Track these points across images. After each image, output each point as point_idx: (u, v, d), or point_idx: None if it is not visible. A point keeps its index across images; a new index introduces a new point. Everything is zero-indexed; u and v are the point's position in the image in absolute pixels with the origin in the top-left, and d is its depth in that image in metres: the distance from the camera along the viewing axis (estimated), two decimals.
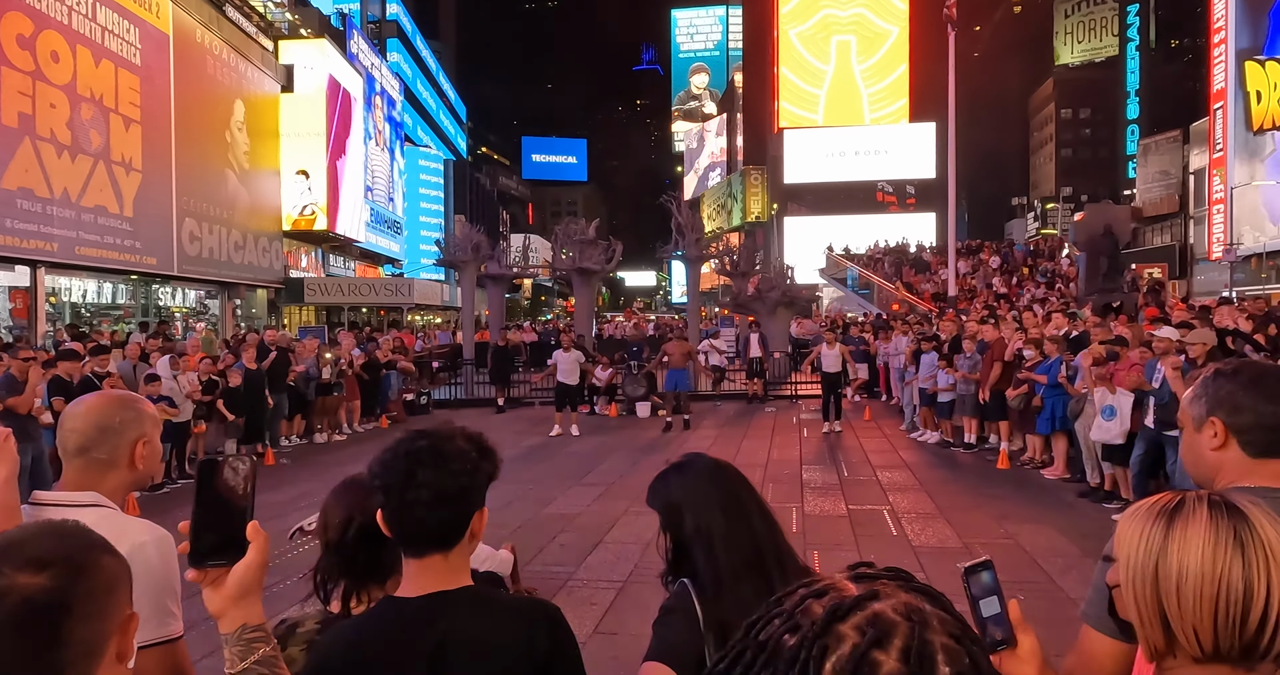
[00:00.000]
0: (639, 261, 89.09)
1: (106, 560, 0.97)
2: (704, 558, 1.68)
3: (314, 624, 1.58)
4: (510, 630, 1.32)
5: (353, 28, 36.88)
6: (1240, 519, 1.02)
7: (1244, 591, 0.98)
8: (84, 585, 0.92)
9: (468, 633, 1.30)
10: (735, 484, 1.76)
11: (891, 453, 10.94)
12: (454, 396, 17.71)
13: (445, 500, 1.32)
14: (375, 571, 1.57)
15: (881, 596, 0.64)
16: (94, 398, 1.73)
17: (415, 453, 1.33)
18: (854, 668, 0.59)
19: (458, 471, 1.34)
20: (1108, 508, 7.59)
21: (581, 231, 19.02)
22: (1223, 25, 31.98)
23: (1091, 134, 70.51)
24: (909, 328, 14.97)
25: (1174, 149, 42.35)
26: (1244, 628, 0.99)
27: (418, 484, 1.31)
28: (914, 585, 0.68)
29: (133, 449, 1.66)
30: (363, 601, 1.56)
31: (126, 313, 21.66)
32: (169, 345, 11.53)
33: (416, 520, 1.32)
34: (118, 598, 0.97)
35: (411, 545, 1.35)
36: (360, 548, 1.54)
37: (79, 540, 0.96)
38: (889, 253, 33.68)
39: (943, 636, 0.62)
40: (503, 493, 8.54)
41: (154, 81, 21.15)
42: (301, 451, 11.91)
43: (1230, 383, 1.48)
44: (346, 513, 1.58)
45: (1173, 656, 1.06)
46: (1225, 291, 25.81)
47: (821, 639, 0.62)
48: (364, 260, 39.90)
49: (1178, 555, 1.02)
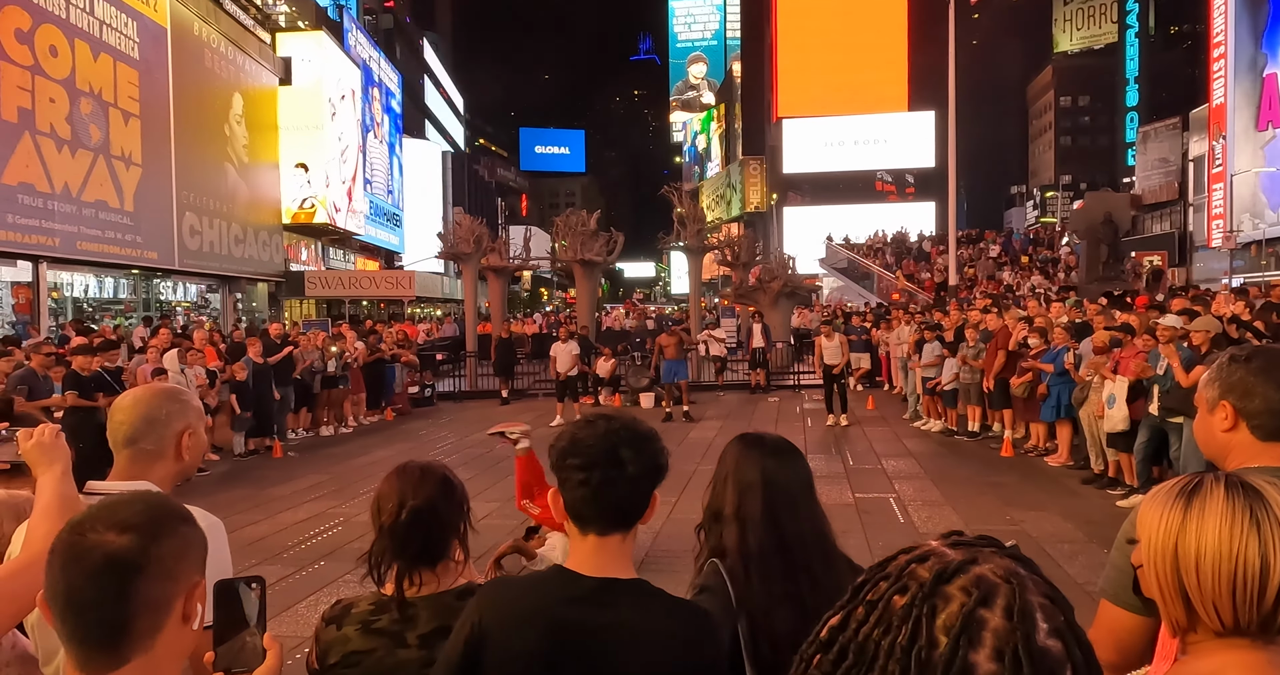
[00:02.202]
0: (638, 252, 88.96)
1: (183, 529, 1.10)
2: (738, 536, 1.73)
3: (368, 605, 1.62)
4: (682, 630, 1.36)
5: (349, 20, 36.71)
6: (1256, 498, 1.06)
7: (1260, 567, 1.02)
8: (157, 549, 1.04)
9: (640, 624, 1.35)
10: (793, 469, 1.79)
11: (895, 441, 10.99)
12: (458, 388, 17.76)
13: (645, 478, 1.39)
14: (427, 555, 1.62)
15: (981, 561, 0.70)
16: (141, 390, 1.78)
17: (615, 432, 1.39)
18: (964, 624, 0.65)
19: (656, 451, 1.42)
20: (1112, 494, 7.64)
21: (582, 223, 19.03)
22: (1223, 11, 31.87)
23: (1090, 121, 70.37)
24: (911, 317, 15.01)
25: (1173, 136, 42.28)
26: (1261, 602, 1.02)
27: (621, 462, 1.37)
28: (1008, 551, 0.73)
29: (179, 440, 1.71)
30: (415, 584, 1.61)
31: (128, 307, 21.68)
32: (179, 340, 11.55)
33: (617, 497, 1.38)
34: (188, 563, 1.09)
35: (597, 523, 1.40)
36: (412, 531, 1.59)
37: (162, 510, 1.10)
38: (889, 242, 33.69)
39: (1039, 597, 0.68)
40: (513, 484, 8.59)
41: (152, 75, 21.10)
42: (309, 444, 11.96)
43: (1243, 368, 1.53)
44: (399, 497, 1.63)
45: (1194, 631, 1.10)
46: (1225, 279, 25.84)
47: (931, 599, 0.67)
48: (363, 253, 39.87)
49: (1195, 534, 1.06)
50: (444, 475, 1.72)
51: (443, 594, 1.63)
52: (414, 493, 1.64)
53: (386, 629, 1.59)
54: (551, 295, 76.02)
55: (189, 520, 1.12)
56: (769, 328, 17.67)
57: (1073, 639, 0.67)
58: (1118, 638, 1.38)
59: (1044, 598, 0.68)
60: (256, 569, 6.01)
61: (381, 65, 41.61)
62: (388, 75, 43.12)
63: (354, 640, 1.59)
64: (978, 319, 11.32)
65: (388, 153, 42.04)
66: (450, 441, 11.85)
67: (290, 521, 7.42)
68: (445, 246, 19.04)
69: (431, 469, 1.72)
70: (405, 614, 1.60)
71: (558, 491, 1.43)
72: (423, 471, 1.70)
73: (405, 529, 1.59)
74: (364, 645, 1.58)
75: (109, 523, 1.04)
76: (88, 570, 1.01)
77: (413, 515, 1.59)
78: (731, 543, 1.74)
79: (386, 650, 1.57)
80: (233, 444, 11.02)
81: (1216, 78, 32.16)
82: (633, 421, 1.44)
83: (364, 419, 13.96)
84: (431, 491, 1.65)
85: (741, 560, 1.71)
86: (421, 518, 1.60)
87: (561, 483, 1.42)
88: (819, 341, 13.17)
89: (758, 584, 1.67)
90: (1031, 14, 76.10)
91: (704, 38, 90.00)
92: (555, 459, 1.42)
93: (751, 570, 1.69)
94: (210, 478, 9.66)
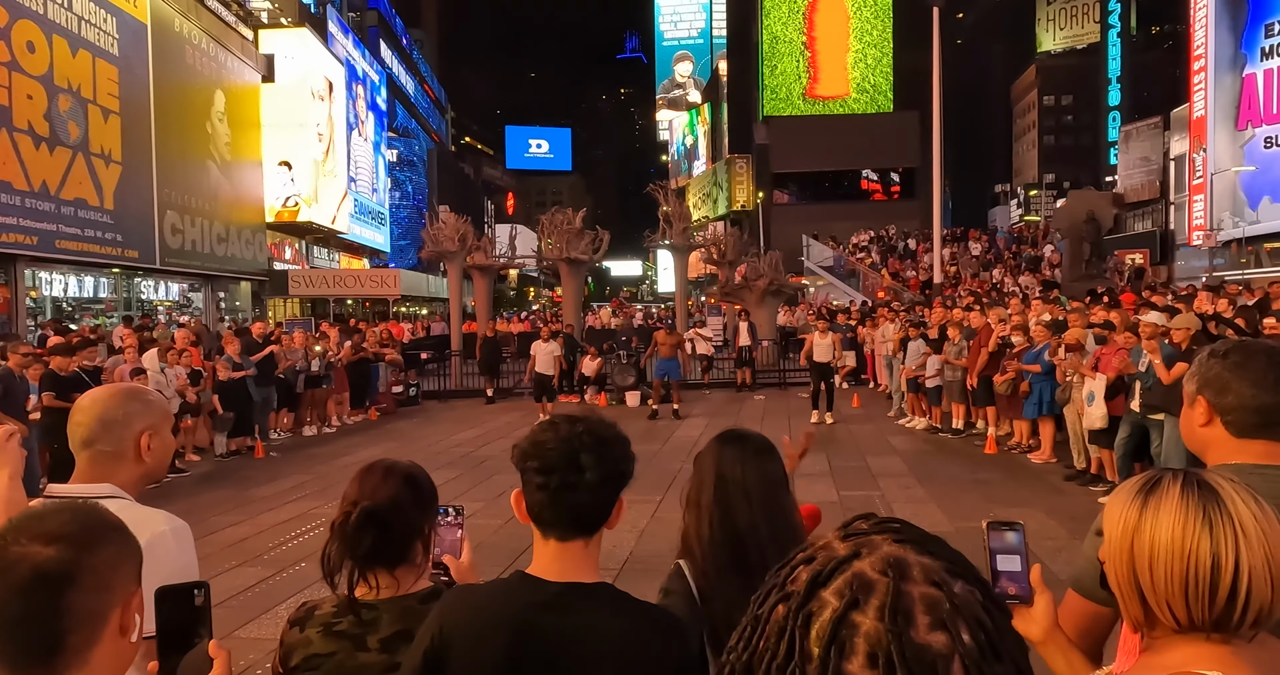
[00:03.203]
0: (624, 251, 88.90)
1: (115, 538, 1.05)
2: (695, 529, 1.72)
3: (331, 608, 1.59)
4: (645, 634, 1.33)
5: (333, 16, 36.46)
6: (1211, 496, 1.05)
7: (1211, 567, 1.02)
8: (90, 560, 0.99)
9: (603, 629, 1.32)
10: (755, 464, 1.78)
11: (880, 439, 11.02)
12: (443, 387, 17.68)
13: (605, 485, 1.36)
14: (381, 557, 1.58)
15: (865, 553, 0.63)
16: (101, 390, 1.73)
17: (576, 436, 1.36)
18: (834, 632, 0.59)
19: (618, 457, 1.39)
20: (1094, 491, 7.69)
21: (568, 221, 18.98)
22: (1204, 19, 32.19)
23: (1073, 120, 70.87)
24: (895, 315, 15.06)
25: (1155, 135, 42.66)
26: (1213, 602, 1.02)
27: (580, 467, 1.34)
28: (905, 534, 0.65)
29: (138, 441, 1.66)
30: (372, 587, 1.58)
31: (109, 306, 21.43)
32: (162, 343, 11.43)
33: (574, 504, 1.35)
34: (124, 574, 1.04)
35: (557, 529, 1.38)
36: (362, 533, 1.55)
37: (90, 519, 1.04)
38: (874, 240, 33.82)
39: (922, 586, 0.60)
40: (499, 483, 8.56)
41: (132, 72, 20.86)
42: (291, 444, 11.87)
43: (1219, 363, 1.53)
44: (356, 497, 1.60)
45: (1154, 628, 1.10)
46: (1204, 277, 26.10)
47: (805, 607, 0.61)
48: (348, 252, 39.64)
49: (1150, 532, 1.06)
50: (408, 475, 1.67)
51: (405, 597, 1.60)
52: (371, 493, 1.60)
53: (348, 632, 1.56)
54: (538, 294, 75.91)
55: (122, 529, 1.07)
56: (755, 326, 17.69)
57: (966, 625, 0.58)
58: (1080, 625, 1.40)
59: (928, 585, 0.60)
60: (237, 571, 5.95)
61: (365, 62, 41.36)
62: (371, 72, 42.87)
63: (315, 643, 1.56)
64: (961, 317, 11.37)
65: (372, 150, 41.80)
66: (435, 441, 11.78)
67: (272, 523, 7.35)
68: (429, 245, 18.94)
69: (396, 469, 1.67)
70: (367, 617, 1.57)
71: (520, 493, 1.40)
72: (386, 471, 1.66)
73: (355, 530, 1.55)
74: (325, 648, 1.55)
75: (35, 534, 0.99)
76: (15, 585, 0.96)
77: (363, 516, 1.55)
78: (691, 535, 1.75)
79: (347, 653, 1.55)
80: (214, 444, 10.92)
81: (1197, 90, 32.46)
82: (598, 424, 1.40)
83: (348, 419, 13.86)
84: (392, 492, 1.61)
85: (700, 555, 1.70)
86: (375, 519, 1.56)
87: (523, 485, 1.39)
88: (810, 338, 13.18)
89: (716, 582, 1.67)
90: (1015, 14, 76.63)
91: (690, 36, 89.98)
92: (516, 460, 1.39)
93: (709, 566, 1.68)
94: (191, 478, 9.56)
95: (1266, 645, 1.08)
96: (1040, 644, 1.31)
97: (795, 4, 50.41)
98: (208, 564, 6.04)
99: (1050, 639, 1.30)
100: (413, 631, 1.49)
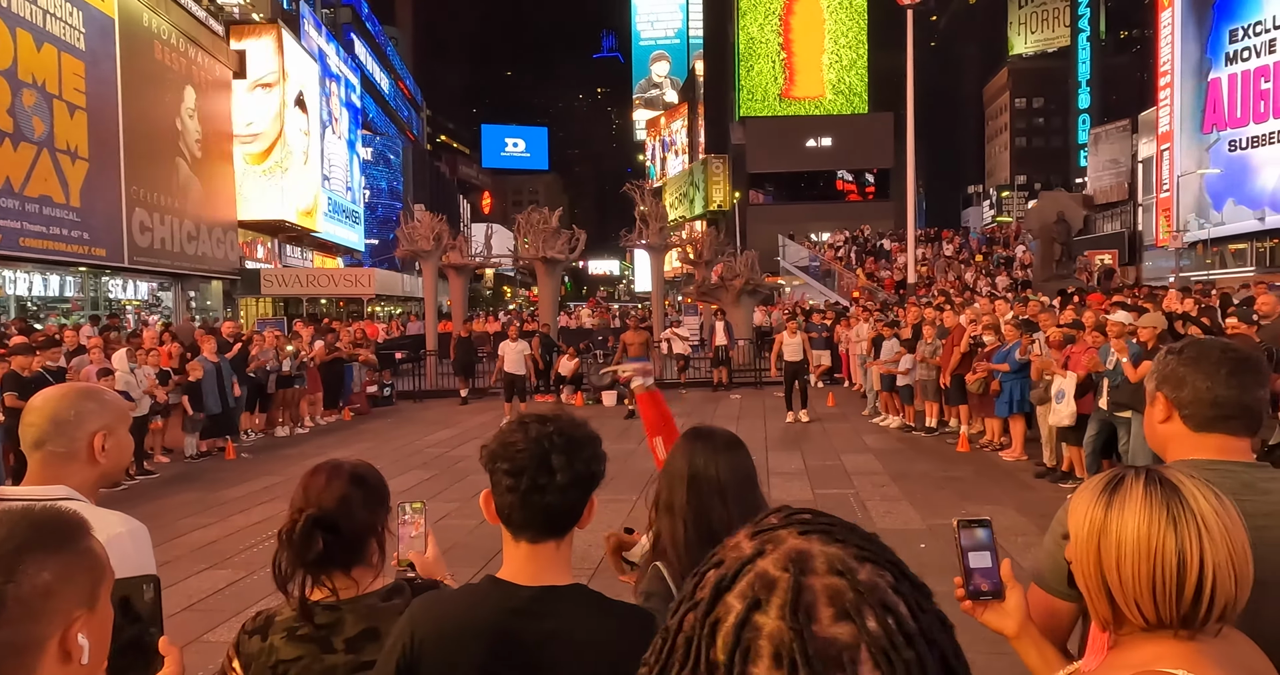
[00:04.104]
0: (601, 250, 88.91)
1: (54, 559, 0.93)
2: (670, 528, 1.71)
3: (291, 612, 1.57)
4: (622, 636, 1.30)
5: (307, 13, 36.05)
6: (1173, 493, 1.07)
7: (1177, 564, 1.03)
8: (16, 590, 0.89)
9: (578, 633, 1.30)
10: (727, 460, 1.77)
11: (855, 437, 11.10)
12: (418, 388, 17.55)
13: (575, 487, 1.33)
14: (332, 561, 1.55)
15: (768, 551, 0.59)
16: (54, 390, 1.68)
17: (546, 437, 1.34)
18: (737, 637, 0.56)
19: (589, 458, 1.36)
20: (1064, 487, 7.79)
21: (544, 220, 18.92)
22: (1170, 17, 32.76)
23: (1045, 123, 71.91)
24: (869, 314, 15.17)
25: (1123, 138, 43.40)
26: (1180, 599, 1.04)
27: (550, 469, 1.31)
28: (812, 524, 0.62)
29: (91, 442, 1.61)
30: (330, 591, 1.55)
31: (75, 305, 21.04)
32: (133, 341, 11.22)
33: (544, 506, 1.33)
34: (63, 598, 0.93)
35: (528, 531, 1.35)
36: (309, 540, 1.52)
37: (25, 538, 0.92)
38: (849, 240, 34.06)
39: (825, 577, 0.57)
40: (473, 484, 8.50)
41: (99, 67, 20.48)
42: (263, 445, 11.72)
43: (1176, 359, 1.55)
44: (301, 503, 1.57)
45: (1122, 627, 1.11)
46: (1171, 277, 26.57)
47: (711, 614, 0.58)
48: (321, 251, 39.22)
49: (1116, 532, 1.07)
50: (354, 475, 1.63)
51: (367, 596, 1.58)
52: (317, 498, 1.57)
53: (312, 635, 1.54)
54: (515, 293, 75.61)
55: (66, 545, 0.95)
56: (731, 325, 17.74)
57: (872, 612, 0.55)
58: (1042, 621, 1.41)
59: (832, 575, 0.57)
60: (206, 574, 5.86)
61: (339, 59, 40.94)
62: (346, 70, 42.44)
63: (280, 649, 1.54)
64: (934, 316, 11.48)
65: (346, 148, 41.39)
66: (409, 442, 11.69)
67: (243, 524, 7.25)
68: (404, 244, 18.79)
69: (341, 470, 1.63)
70: (330, 619, 1.54)
71: (489, 494, 1.38)
72: (331, 473, 1.62)
73: (302, 537, 1.52)
74: (290, 653, 1.53)
75: None
76: None
77: (309, 523, 1.53)
78: (665, 534, 1.74)
79: (314, 657, 1.53)
80: (184, 445, 10.75)
81: (1164, 106, 33.09)
82: (569, 424, 1.38)
83: (321, 419, 13.71)
84: (338, 494, 1.58)
85: (676, 557, 1.69)
86: (321, 524, 1.53)
87: (492, 486, 1.37)
88: (779, 338, 13.24)
89: None
90: (988, 17, 77.60)
91: (667, 36, 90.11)
92: (485, 461, 1.37)
93: (687, 568, 1.67)
94: (160, 480, 9.41)
95: (1230, 641, 1.10)
96: (1014, 638, 1.31)
97: (771, 6, 50.66)
98: (176, 567, 5.94)
99: (1024, 632, 1.31)
100: (378, 629, 1.47)
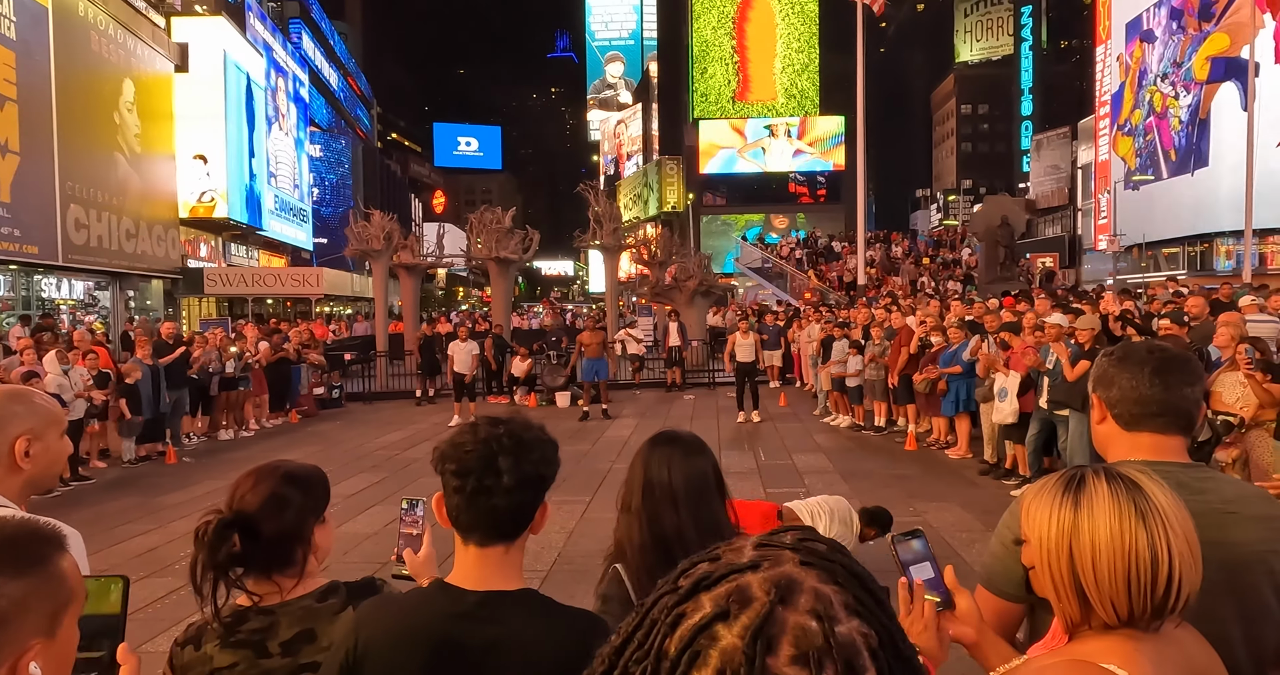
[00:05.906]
0: (555, 250, 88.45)
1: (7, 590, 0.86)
2: (625, 531, 1.72)
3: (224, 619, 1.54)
4: (567, 642, 1.28)
5: (252, 5, 35.21)
6: (1137, 491, 1.11)
7: (1151, 559, 1.07)
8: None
9: (523, 638, 1.28)
10: (683, 464, 1.77)
11: (806, 437, 11.25)
12: (367, 389, 17.26)
13: (523, 489, 1.32)
14: (247, 563, 1.51)
15: (763, 567, 0.59)
16: None
17: (495, 439, 1.32)
18: (691, 639, 0.56)
19: (537, 460, 1.35)
20: (1006, 484, 8.01)
21: (497, 220, 18.78)
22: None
23: (989, 129, 73.78)
24: (819, 314, 15.38)
25: (1064, 144, 44.74)
26: (1154, 592, 1.07)
27: (498, 471, 1.29)
28: (819, 558, 0.61)
29: (13, 447, 1.54)
30: (254, 597, 1.52)
31: (4, 305, 20.22)
32: (55, 340, 10.82)
33: (490, 509, 1.31)
34: (10, 632, 0.87)
35: (476, 534, 1.33)
36: (220, 541, 1.48)
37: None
38: (801, 243, 34.49)
39: (803, 615, 0.56)
40: (424, 487, 8.39)
41: (32, 57, 19.69)
42: (206, 449, 11.41)
43: (1106, 360, 1.62)
44: (225, 506, 1.54)
45: (1088, 626, 1.13)
46: (1109, 280, 27.49)
47: (681, 606, 0.58)
48: (267, 249, 38.33)
49: (1089, 532, 1.10)
50: (288, 476, 1.59)
51: (302, 597, 1.55)
52: (241, 499, 1.54)
53: (247, 640, 1.51)
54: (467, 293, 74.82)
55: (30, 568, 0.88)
56: (685, 326, 17.83)
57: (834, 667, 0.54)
58: (991, 621, 1.44)
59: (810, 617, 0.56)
60: (147, 582, 5.68)
61: (285, 53, 40.06)
62: (293, 64, 41.55)
63: (215, 657, 1.50)
64: (883, 318, 11.69)
65: (294, 145, 40.53)
66: (359, 444, 11.49)
67: (183, 531, 7.04)
68: (354, 243, 18.47)
69: (274, 471, 1.59)
70: (263, 622, 1.51)
71: (441, 497, 1.37)
72: (261, 475, 1.58)
73: (213, 537, 1.47)
74: (226, 660, 1.50)
75: None
76: None
77: (221, 525, 1.49)
78: (623, 539, 1.76)
79: (249, 662, 1.50)
80: (122, 450, 10.41)
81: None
82: (520, 426, 1.37)
83: (266, 422, 13.40)
84: (262, 497, 1.54)
85: (632, 559, 1.70)
86: (236, 526, 1.50)
87: (443, 489, 1.36)
88: (732, 338, 13.34)
89: (648, 586, 1.65)
90: (935, 24, 79.29)
91: (621, 37, 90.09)
92: (434, 463, 1.36)
93: (641, 570, 1.68)
94: (97, 486, 9.10)
95: (1176, 640, 1.13)
96: (974, 646, 1.30)
97: (725, 10, 51.07)
98: None
99: (982, 638, 1.30)
100: (314, 631, 1.44)
